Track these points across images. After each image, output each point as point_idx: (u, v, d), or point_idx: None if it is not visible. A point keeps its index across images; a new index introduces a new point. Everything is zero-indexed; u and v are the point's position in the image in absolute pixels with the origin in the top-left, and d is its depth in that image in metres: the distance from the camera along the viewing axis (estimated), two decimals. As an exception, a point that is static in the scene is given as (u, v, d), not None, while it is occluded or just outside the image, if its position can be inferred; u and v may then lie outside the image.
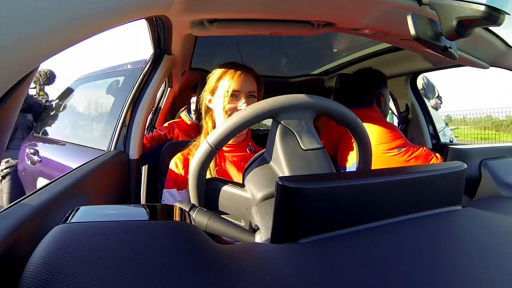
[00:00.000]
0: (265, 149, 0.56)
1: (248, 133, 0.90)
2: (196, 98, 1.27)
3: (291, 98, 0.53)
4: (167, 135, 1.48)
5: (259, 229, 0.44)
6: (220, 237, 0.59)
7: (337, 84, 1.31)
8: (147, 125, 1.26)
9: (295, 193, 0.34)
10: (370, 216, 0.38)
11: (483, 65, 0.96)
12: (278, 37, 1.38)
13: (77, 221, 0.31)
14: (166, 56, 1.04)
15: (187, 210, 0.50)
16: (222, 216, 0.51)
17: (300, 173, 0.50)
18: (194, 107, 1.60)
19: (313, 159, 0.52)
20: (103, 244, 0.27)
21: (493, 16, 0.42)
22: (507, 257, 0.32)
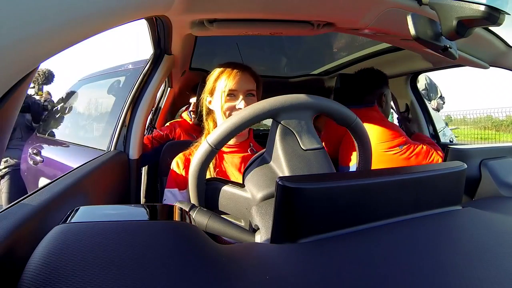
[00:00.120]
0: (265, 149, 0.56)
1: (251, 133, 0.90)
2: (196, 99, 1.27)
3: (291, 98, 0.53)
4: (168, 135, 1.47)
5: (259, 229, 0.44)
6: (220, 237, 0.59)
7: (337, 84, 1.31)
8: (147, 125, 1.26)
9: (295, 193, 0.34)
10: (370, 216, 0.38)
11: (483, 65, 0.96)
12: (278, 37, 1.38)
13: (77, 221, 0.31)
14: (166, 56, 1.04)
15: (187, 210, 0.50)
16: (222, 216, 0.51)
17: (300, 173, 0.50)
18: (192, 107, 1.60)
19: (313, 159, 0.52)
20: (103, 244, 0.27)
21: (493, 16, 0.42)
22: (507, 257, 0.32)
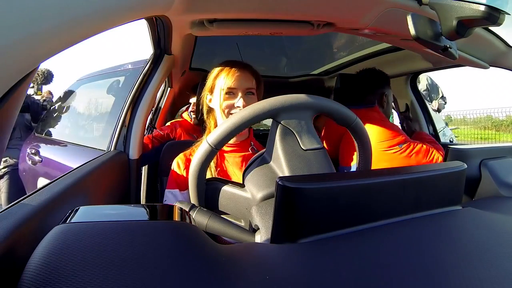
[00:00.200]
0: (265, 149, 0.56)
1: (251, 132, 0.90)
2: (196, 99, 1.26)
3: (291, 98, 0.53)
4: (169, 135, 1.47)
5: (259, 229, 0.44)
6: (220, 237, 0.59)
7: (337, 84, 1.31)
8: (147, 125, 1.26)
9: (295, 193, 0.34)
10: (370, 216, 0.38)
11: (483, 65, 0.96)
12: (278, 37, 1.38)
13: (77, 221, 0.31)
14: (166, 56, 1.04)
15: (187, 210, 0.50)
16: (222, 216, 0.51)
17: (300, 173, 0.50)
18: (192, 107, 1.60)
19: (313, 159, 0.52)
20: (103, 244, 0.27)
21: (493, 16, 0.42)
22: (507, 257, 0.32)
